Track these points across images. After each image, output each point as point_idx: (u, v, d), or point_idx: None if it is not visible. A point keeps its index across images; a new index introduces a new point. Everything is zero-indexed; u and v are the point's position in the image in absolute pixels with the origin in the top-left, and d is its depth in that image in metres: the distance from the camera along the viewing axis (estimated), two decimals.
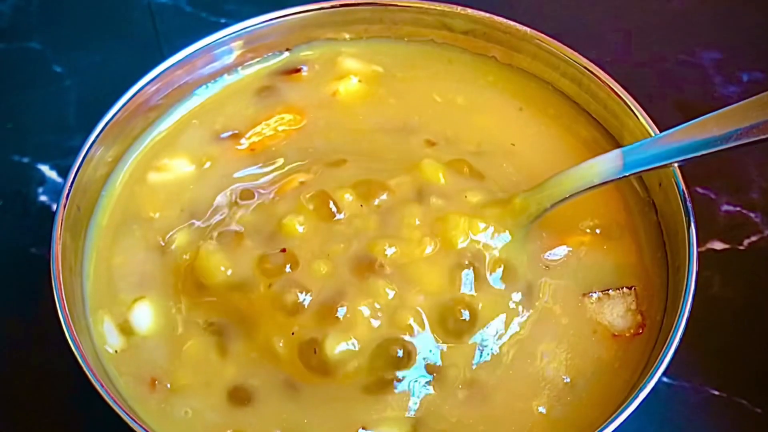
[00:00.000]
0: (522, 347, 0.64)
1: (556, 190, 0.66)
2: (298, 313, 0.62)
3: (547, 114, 0.75)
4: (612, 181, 0.65)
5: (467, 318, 0.63)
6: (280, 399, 0.62)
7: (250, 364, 0.63)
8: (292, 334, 0.62)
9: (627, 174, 0.64)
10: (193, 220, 0.69)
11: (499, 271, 0.65)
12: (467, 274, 0.63)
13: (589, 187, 0.65)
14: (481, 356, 0.63)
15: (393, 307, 0.62)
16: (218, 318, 0.65)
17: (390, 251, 0.63)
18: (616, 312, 0.65)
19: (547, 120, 0.74)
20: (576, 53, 0.73)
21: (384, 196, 0.66)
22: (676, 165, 0.65)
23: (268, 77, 0.77)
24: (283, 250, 0.64)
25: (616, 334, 0.65)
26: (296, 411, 0.62)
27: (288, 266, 0.63)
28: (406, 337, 0.62)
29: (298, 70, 0.77)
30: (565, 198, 0.65)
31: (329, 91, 0.76)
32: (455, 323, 0.63)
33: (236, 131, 0.74)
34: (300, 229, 0.65)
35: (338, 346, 0.61)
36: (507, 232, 0.65)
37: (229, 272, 0.64)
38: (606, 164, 0.65)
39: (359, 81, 0.77)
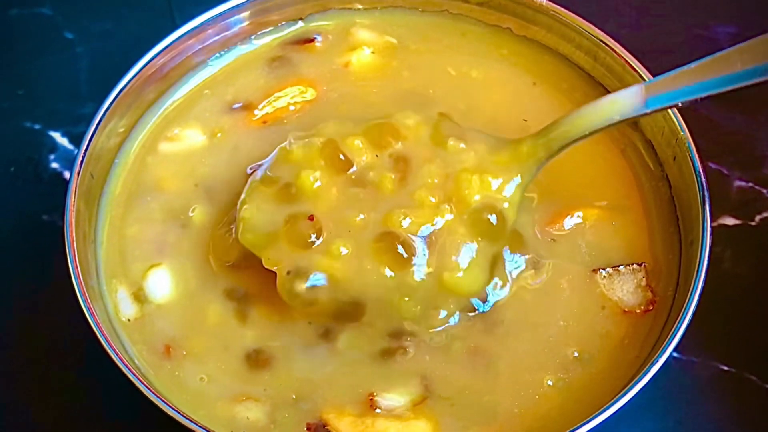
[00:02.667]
0: (528, 319, 0.65)
1: (571, 128, 0.63)
2: (316, 304, 0.62)
3: (560, 89, 0.74)
4: (633, 118, 0.62)
5: (481, 301, 0.64)
6: (297, 362, 0.63)
7: (271, 327, 0.64)
8: (309, 323, 0.64)
9: (649, 111, 0.61)
10: (210, 195, 0.69)
11: (506, 242, 0.65)
12: (482, 250, 0.63)
13: (607, 126, 0.62)
14: (488, 327, 0.64)
15: (416, 306, 0.63)
16: (241, 285, 0.66)
17: (406, 222, 0.62)
18: (626, 288, 0.65)
19: (560, 95, 0.74)
20: (591, 25, 0.72)
21: (399, 145, 0.65)
22: (678, 106, 0.63)
23: (280, 47, 0.77)
24: (311, 218, 0.62)
25: (627, 310, 0.65)
26: (310, 374, 0.63)
27: (313, 235, 0.62)
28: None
29: (312, 40, 0.77)
30: (580, 138, 0.63)
31: (342, 62, 0.76)
32: (470, 306, 0.64)
33: (248, 102, 0.74)
34: (317, 184, 0.64)
35: (354, 341, 0.63)
36: (519, 176, 0.64)
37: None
38: (627, 99, 0.62)
39: (372, 52, 0.76)
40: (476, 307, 0.64)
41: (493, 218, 0.63)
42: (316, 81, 0.75)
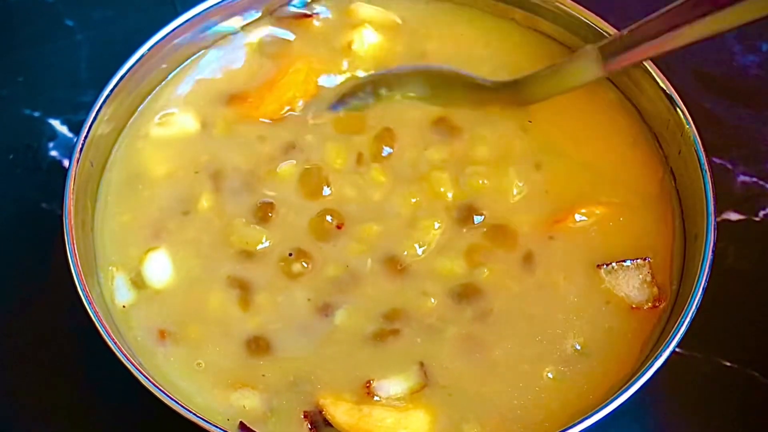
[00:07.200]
0: (522, 310, 0.64)
1: (535, 92, 0.70)
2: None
3: None
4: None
5: (470, 291, 0.65)
6: (295, 343, 0.63)
7: (273, 310, 0.64)
8: (309, 300, 0.65)
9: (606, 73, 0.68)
10: (213, 182, 0.69)
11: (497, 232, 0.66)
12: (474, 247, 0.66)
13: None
14: (477, 315, 0.64)
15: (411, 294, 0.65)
16: (246, 271, 0.66)
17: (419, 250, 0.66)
18: (631, 284, 0.65)
19: None
20: (597, 17, 0.72)
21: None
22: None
23: (280, 25, 0.76)
24: (339, 226, 0.66)
25: (634, 306, 0.64)
26: (309, 355, 0.63)
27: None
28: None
29: (310, 16, 0.76)
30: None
31: (345, 42, 0.75)
32: (463, 296, 0.65)
33: (248, 90, 0.73)
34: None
35: (350, 318, 0.64)
36: None
37: (268, 243, 0.66)
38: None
39: (376, 33, 0.75)
40: None
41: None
42: (318, 66, 0.74)
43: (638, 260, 0.65)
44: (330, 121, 0.72)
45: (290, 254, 0.66)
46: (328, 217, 0.67)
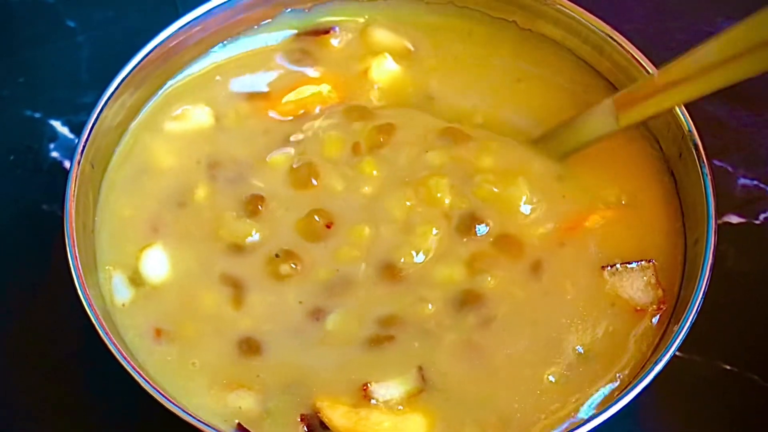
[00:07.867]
0: (527, 316, 0.64)
1: (561, 145, 0.69)
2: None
3: (565, 83, 0.74)
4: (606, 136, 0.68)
5: (472, 298, 0.64)
6: (288, 346, 0.63)
7: (264, 311, 0.64)
8: (300, 303, 0.64)
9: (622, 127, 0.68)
10: (212, 175, 0.69)
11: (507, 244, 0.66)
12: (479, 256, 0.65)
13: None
14: (480, 322, 0.64)
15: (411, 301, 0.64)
16: (239, 268, 0.65)
17: (416, 257, 0.66)
18: (636, 286, 0.64)
19: (564, 90, 0.74)
20: (598, 19, 0.72)
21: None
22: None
23: (295, 39, 0.76)
24: (328, 226, 0.66)
25: (639, 308, 0.64)
26: (303, 359, 0.62)
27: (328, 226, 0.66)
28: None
29: (327, 32, 0.76)
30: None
31: (361, 69, 0.75)
32: (464, 303, 0.64)
33: (259, 91, 0.73)
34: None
35: (342, 323, 0.64)
36: None
37: (257, 236, 0.66)
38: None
39: (393, 62, 0.75)
40: None
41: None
42: (337, 86, 0.74)
43: (643, 262, 0.65)
44: (338, 112, 0.72)
45: (276, 255, 0.65)
46: (316, 217, 0.66)
